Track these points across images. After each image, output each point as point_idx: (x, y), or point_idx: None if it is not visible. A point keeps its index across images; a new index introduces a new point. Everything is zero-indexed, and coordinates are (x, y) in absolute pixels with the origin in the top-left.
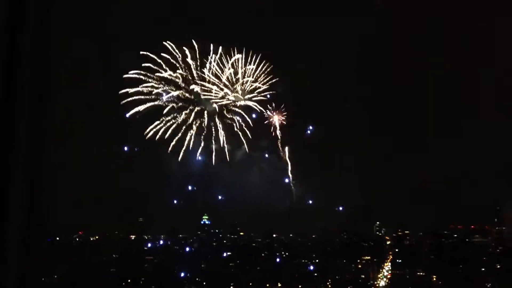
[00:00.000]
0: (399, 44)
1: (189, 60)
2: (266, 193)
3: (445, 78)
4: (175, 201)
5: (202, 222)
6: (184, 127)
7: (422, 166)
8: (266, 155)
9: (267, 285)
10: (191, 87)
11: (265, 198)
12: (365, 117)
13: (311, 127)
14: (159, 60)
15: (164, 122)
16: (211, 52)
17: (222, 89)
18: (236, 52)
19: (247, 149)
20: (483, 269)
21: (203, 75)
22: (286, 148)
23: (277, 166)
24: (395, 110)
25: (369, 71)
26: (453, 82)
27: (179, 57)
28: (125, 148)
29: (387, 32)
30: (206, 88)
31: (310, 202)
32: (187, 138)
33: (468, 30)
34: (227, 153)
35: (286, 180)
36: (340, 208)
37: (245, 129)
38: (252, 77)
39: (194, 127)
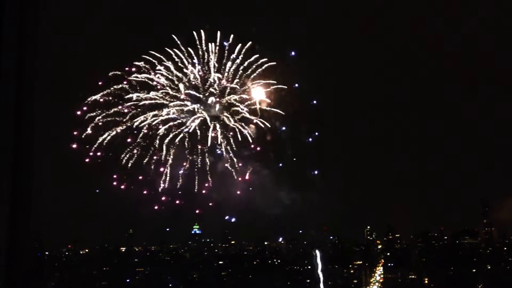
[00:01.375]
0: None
1: (163, 80)
2: (256, 200)
3: (428, 78)
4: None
5: (192, 232)
6: (163, 152)
7: (408, 166)
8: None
9: None
10: (165, 109)
11: (256, 205)
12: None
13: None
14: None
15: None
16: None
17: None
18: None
19: (228, 161)
20: (474, 270)
21: (177, 94)
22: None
23: (266, 173)
24: (381, 112)
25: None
26: (435, 80)
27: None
28: (97, 190)
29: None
30: (182, 107)
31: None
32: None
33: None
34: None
35: (277, 186)
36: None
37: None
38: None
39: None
